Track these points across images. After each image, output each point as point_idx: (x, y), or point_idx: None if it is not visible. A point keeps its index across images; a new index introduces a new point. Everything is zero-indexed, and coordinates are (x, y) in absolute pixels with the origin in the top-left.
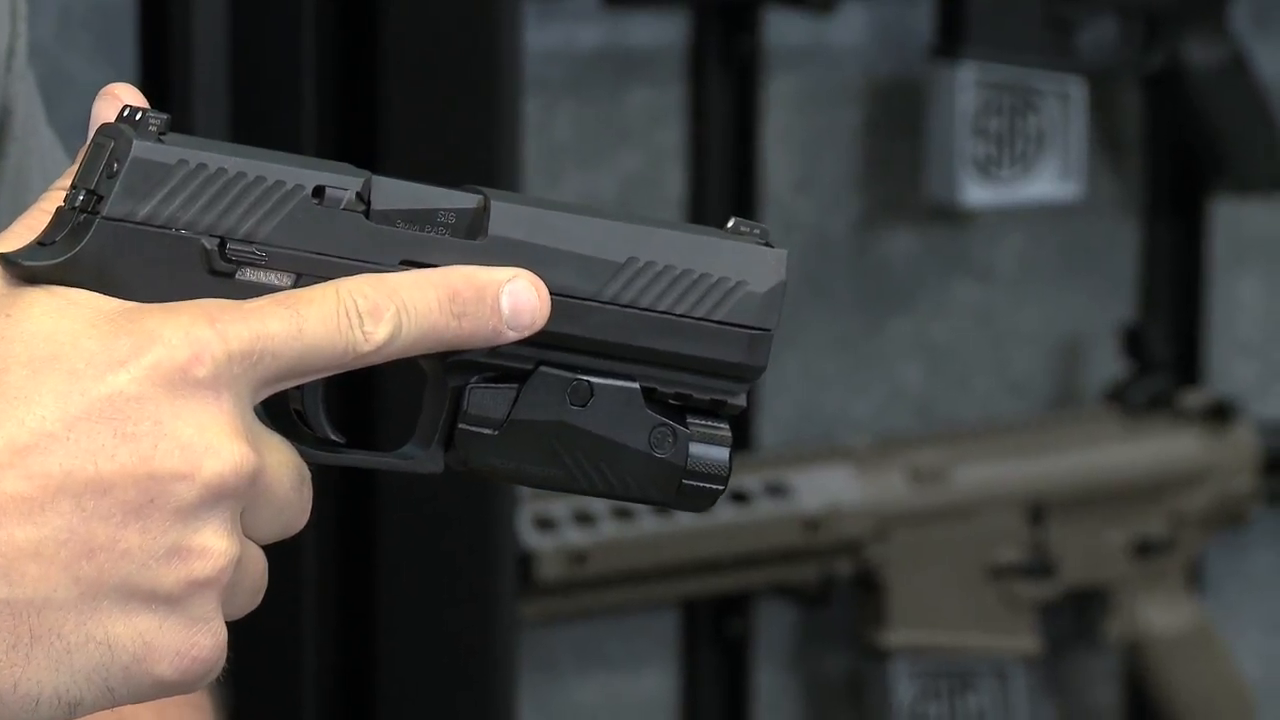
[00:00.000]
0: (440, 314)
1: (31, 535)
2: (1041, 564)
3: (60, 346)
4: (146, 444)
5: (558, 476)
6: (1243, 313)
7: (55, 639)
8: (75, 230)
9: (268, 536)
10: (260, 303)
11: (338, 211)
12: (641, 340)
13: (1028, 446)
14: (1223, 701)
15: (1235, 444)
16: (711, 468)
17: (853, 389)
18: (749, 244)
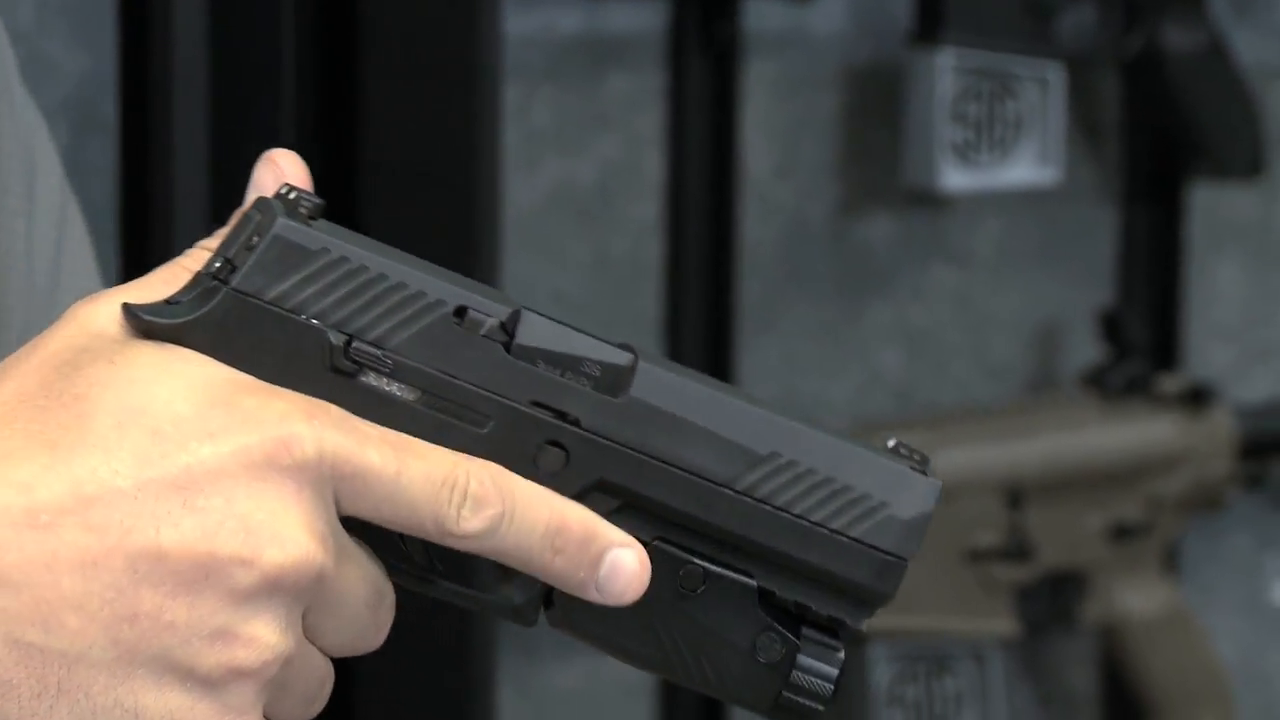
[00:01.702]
0: (540, 540)
1: (78, 587)
2: (1019, 547)
3: (152, 403)
4: (213, 520)
5: (653, 657)
6: (1220, 297)
7: (82, 697)
8: (203, 295)
9: (333, 647)
10: (369, 429)
11: (477, 337)
12: (768, 539)
13: (1005, 431)
14: (1199, 684)
15: (1212, 428)
16: (815, 686)
17: (831, 373)
18: (903, 467)
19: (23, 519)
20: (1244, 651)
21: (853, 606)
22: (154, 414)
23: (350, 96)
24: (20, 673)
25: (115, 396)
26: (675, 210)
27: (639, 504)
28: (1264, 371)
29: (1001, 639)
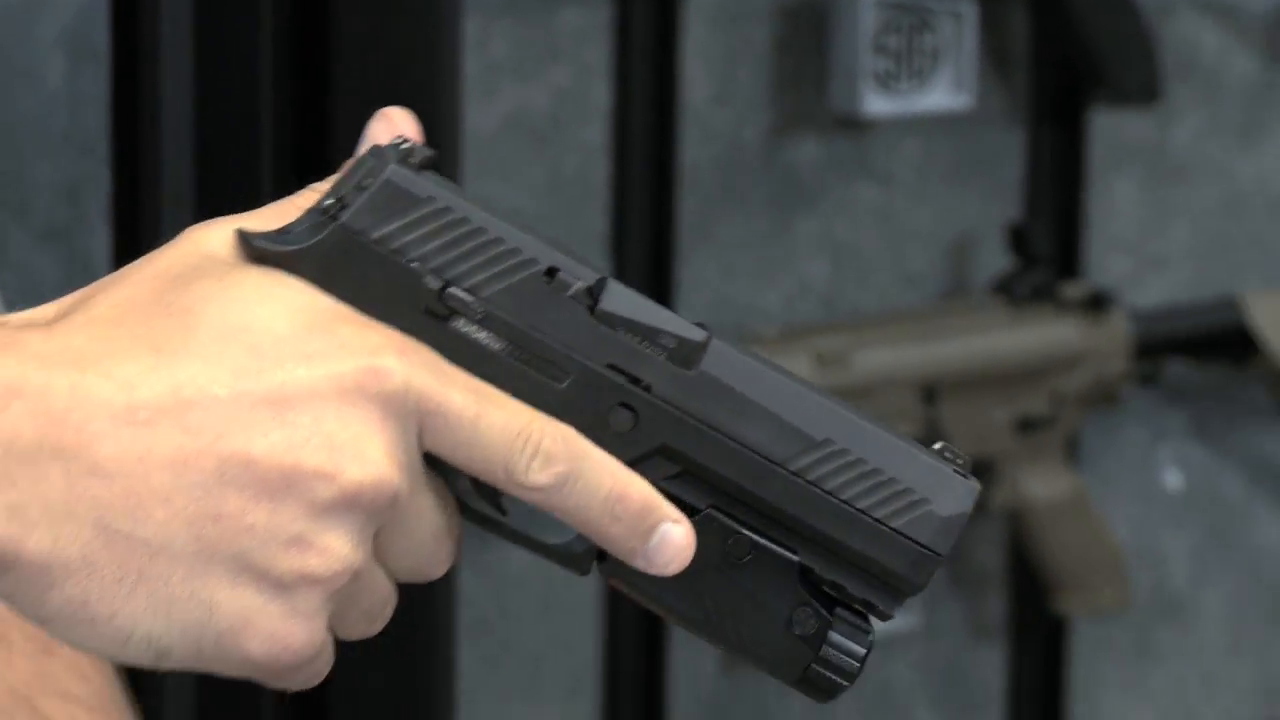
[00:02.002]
0: (600, 504)
1: (168, 483)
2: (935, 438)
3: (255, 322)
4: (300, 435)
5: (695, 617)
6: (1118, 212)
7: (161, 585)
8: (314, 228)
9: (400, 570)
10: (455, 372)
11: (564, 298)
12: (815, 520)
13: (922, 334)
14: (1097, 563)
15: (1110, 331)
16: (843, 662)
17: (763, 283)
18: (946, 468)
19: (123, 414)
20: (1137, 533)
21: (885, 593)
22: (255, 332)
23: (320, 29)
24: (105, 556)
25: (220, 312)
26: (621, 134)
27: (697, 472)
28: (1157, 279)
29: None
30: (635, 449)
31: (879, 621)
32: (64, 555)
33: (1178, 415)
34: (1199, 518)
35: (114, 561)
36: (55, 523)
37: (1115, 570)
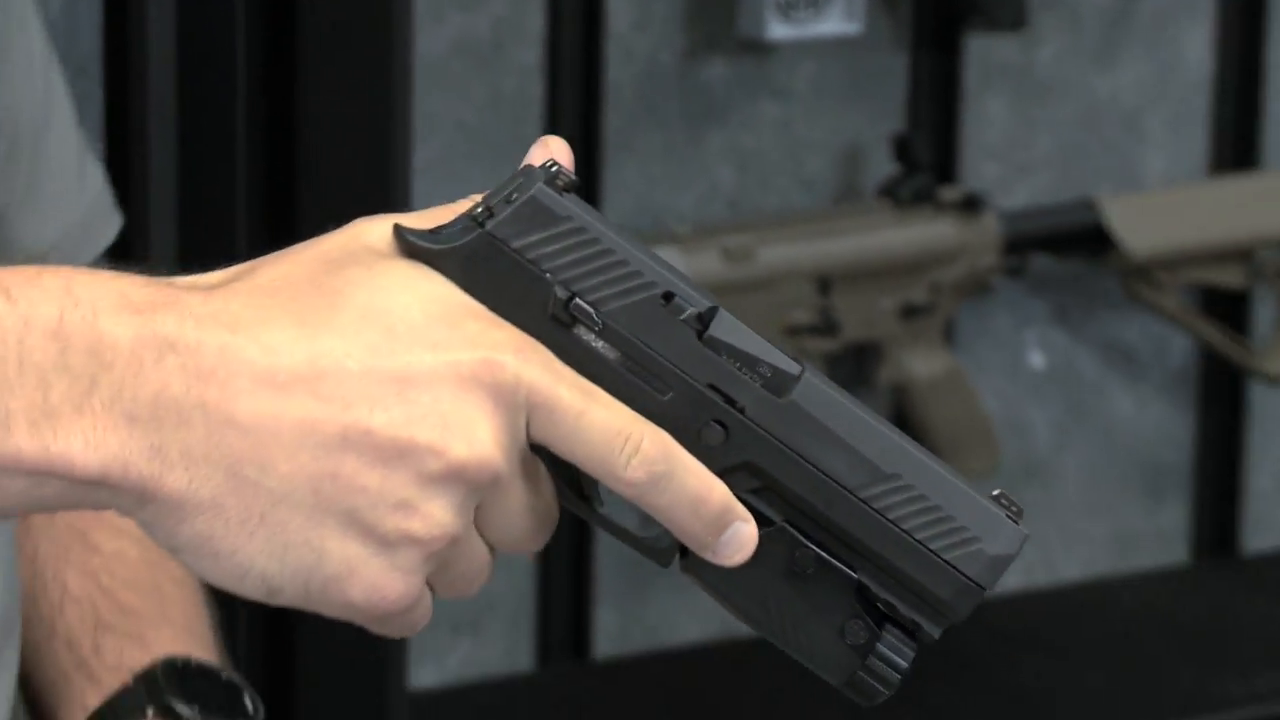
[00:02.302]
0: (687, 504)
1: (295, 442)
2: (828, 324)
3: (394, 308)
4: (418, 413)
5: (758, 617)
6: (989, 125)
7: (279, 530)
8: (462, 231)
9: (497, 543)
10: (567, 372)
11: (676, 320)
12: (876, 544)
13: (817, 232)
14: (970, 433)
15: (982, 229)
16: (887, 673)
17: (678, 187)
18: (999, 513)
19: (263, 376)
20: (1005, 406)
21: (930, 617)
22: (392, 316)
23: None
24: (232, 500)
25: (365, 296)
26: (553, 57)
27: (775, 489)
28: (1023, 184)
29: None
30: (723, 461)
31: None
32: (197, 495)
33: (1041, 303)
34: (1059, 393)
35: (240, 505)
36: (192, 465)
37: (986, 438)
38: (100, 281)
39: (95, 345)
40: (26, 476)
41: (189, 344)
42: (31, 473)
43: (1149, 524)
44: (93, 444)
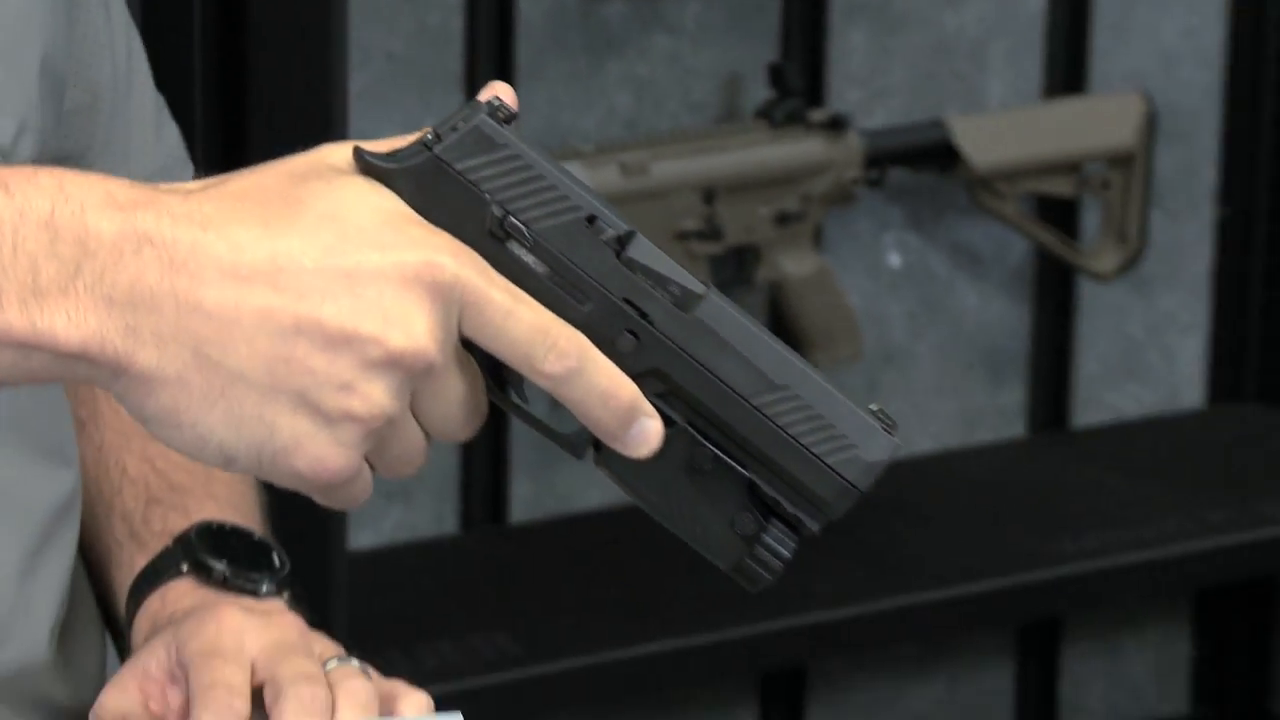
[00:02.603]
0: (597, 398)
1: (254, 328)
2: (712, 230)
3: (348, 214)
4: (363, 306)
5: (658, 506)
6: (852, 55)
7: (237, 405)
8: (413, 154)
9: (430, 427)
10: (497, 278)
11: (598, 240)
12: (765, 446)
13: (702, 150)
14: (837, 325)
15: (846, 146)
16: (771, 560)
17: (581, 110)
18: (875, 424)
19: (229, 269)
20: (867, 301)
21: (811, 513)
22: (346, 221)
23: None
24: (196, 377)
25: (323, 204)
26: None
27: (679, 393)
28: (881, 107)
29: None
30: (634, 367)
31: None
32: (164, 371)
33: (897, 211)
34: (913, 289)
35: (203, 382)
36: (161, 345)
37: (850, 329)
38: (90, 182)
39: (82, 236)
40: (15, 349)
41: (164, 238)
42: (20, 345)
43: (991, 403)
44: (74, 322)
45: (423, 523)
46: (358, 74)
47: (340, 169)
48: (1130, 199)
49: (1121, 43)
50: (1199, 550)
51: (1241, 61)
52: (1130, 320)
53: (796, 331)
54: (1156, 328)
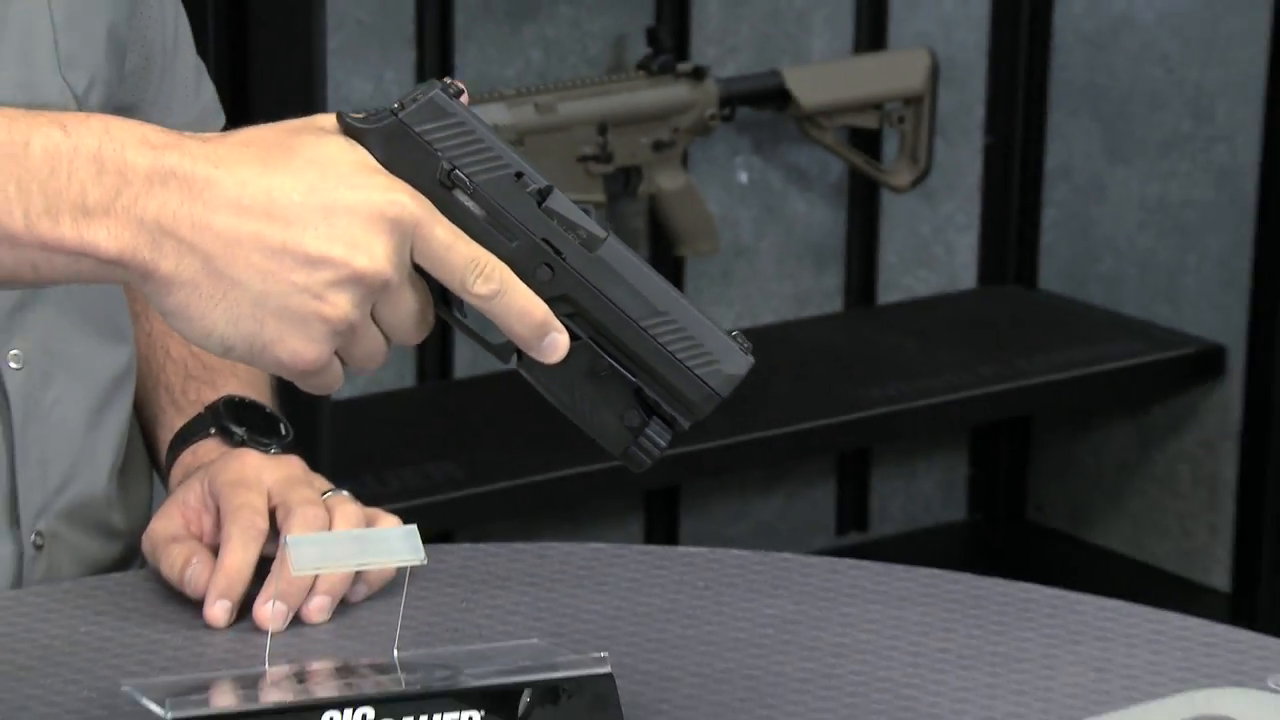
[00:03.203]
0: (516, 314)
1: (250, 249)
2: (605, 155)
3: (329, 161)
4: (336, 234)
5: (565, 403)
6: (709, 20)
7: (234, 306)
8: (382, 118)
9: (388, 331)
10: (442, 217)
11: (524, 192)
12: (649, 359)
13: (597, 93)
14: (699, 225)
15: (706, 91)
16: (651, 449)
17: (504, 64)
18: (735, 345)
19: (234, 200)
20: (722, 208)
21: (683, 413)
22: (326, 167)
23: None
24: (205, 283)
25: (311, 151)
26: None
27: (584, 315)
28: (732, 60)
29: (597, 203)
30: (549, 293)
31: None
32: (180, 276)
33: (744, 139)
34: (756, 199)
35: (210, 286)
36: (179, 257)
37: (709, 230)
38: (129, 126)
39: (122, 168)
40: (68, 255)
41: (186, 173)
42: (71, 252)
43: (816, 286)
44: (113, 236)
45: (387, 379)
46: (333, 35)
47: (325, 129)
48: (920, 130)
49: (912, 10)
50: (972, 396)
51: (1001, 25)
52: (920, 222)
53: (669, 232)
54: (939, 228)
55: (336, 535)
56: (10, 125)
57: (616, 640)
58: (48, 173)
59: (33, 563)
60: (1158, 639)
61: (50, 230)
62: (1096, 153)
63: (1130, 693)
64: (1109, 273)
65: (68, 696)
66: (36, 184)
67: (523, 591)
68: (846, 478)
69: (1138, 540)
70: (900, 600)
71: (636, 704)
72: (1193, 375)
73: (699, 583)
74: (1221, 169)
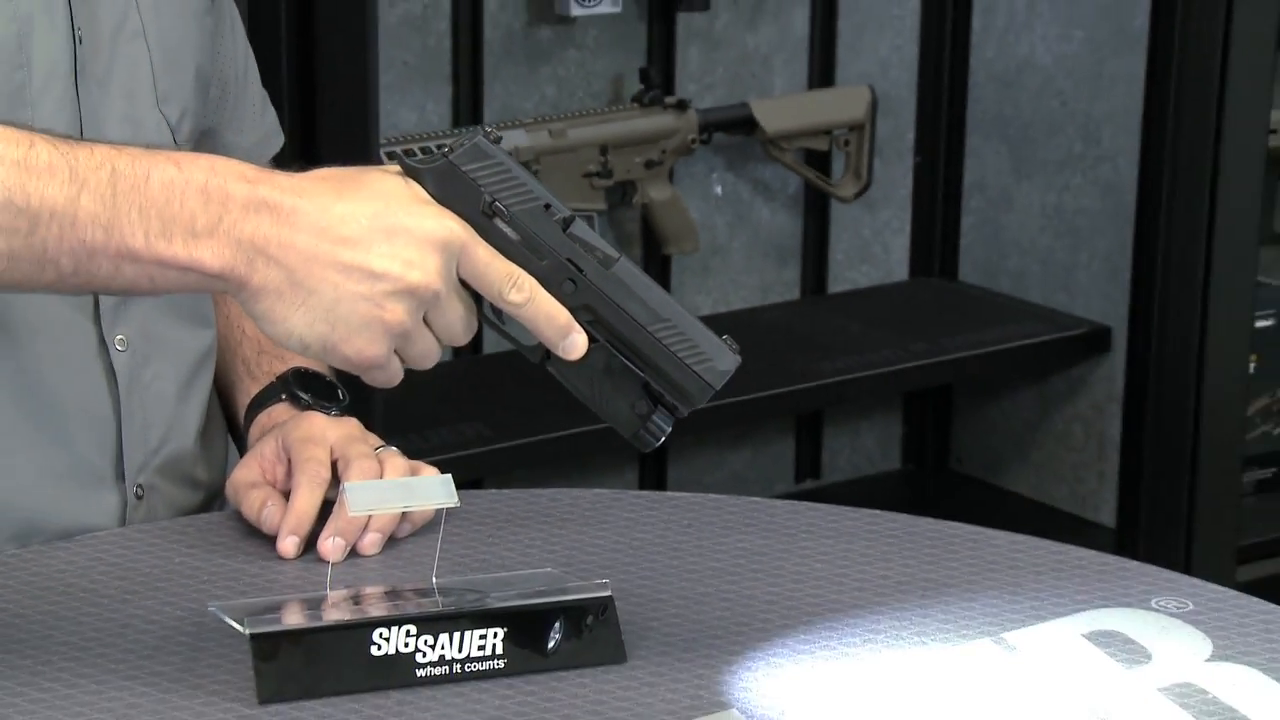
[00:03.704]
0: (544, 319)
1: (325, 264)
2: (606, 172)
3: (390, 194)
4: (395, 253)
5: (586, 394)
6: (690, 62)
7: (311, 312)
8: (434, 160)
9: (439, 334)
10: (484, 242)
11: (551, 220)
12: (655, 357)
13: (599, 121)
14: (683, 229)
15: (688, 120)
16: (657, 431)
17: (524, 98)
18: (726, 347)
19: (314, 224)
20: (702, 215)
21: (682, 402)
22: (390, 197)
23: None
24: (289, 292)
25: (376, 187)
26: (455, 24)
27: (600, 321)
28: (710, 95)
29: (599, 211)
30: (572, 303)
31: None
32: (268, 286)
33: (720, 158)
34: (729, 207)
35: (291, 295)
36: (268, 269)
37: (691, 233)
38: (230, 164)
39: (224, 198)
40: (179, 270)
41: (275, 202)
42: (182, 268)
43: (778, 278)
44: (216, 255)
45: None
46: (385, 74)
47: (388, 170)
48: (862, 152)
49: (855, 54)
50: (905, 368)
51: (928, 66)
52: (862, 226)
53: (658, 235)
54: (878, 231)
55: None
56: (134, 162)
57: (616, 569)
58: (164, 201)
59: (134, 510)
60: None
61: (165, 249)
62: (1005, 170)
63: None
64: (1016, 268)
65: (164, 616)
66: (155, 210)
67: (538, 529)
68: (803, 435)
69: (1040, 486)
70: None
71: (632, 621)
72: (1085, 351)
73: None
74: (1107, 183)
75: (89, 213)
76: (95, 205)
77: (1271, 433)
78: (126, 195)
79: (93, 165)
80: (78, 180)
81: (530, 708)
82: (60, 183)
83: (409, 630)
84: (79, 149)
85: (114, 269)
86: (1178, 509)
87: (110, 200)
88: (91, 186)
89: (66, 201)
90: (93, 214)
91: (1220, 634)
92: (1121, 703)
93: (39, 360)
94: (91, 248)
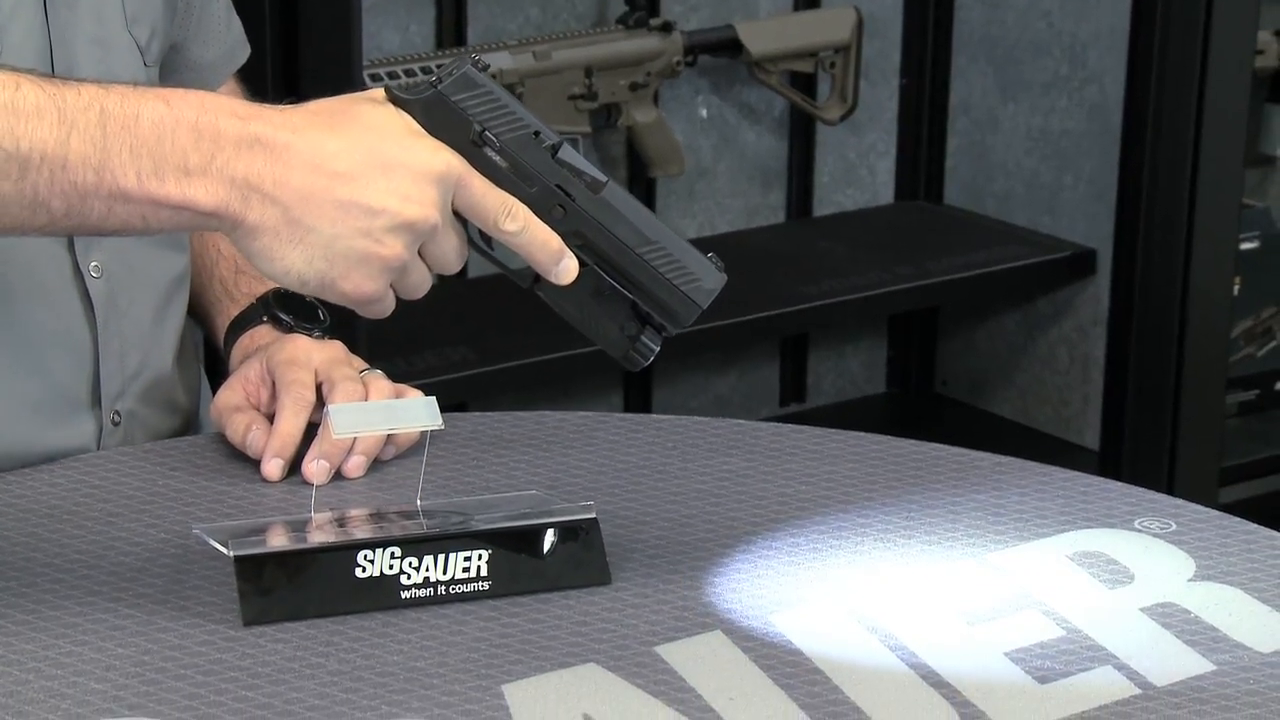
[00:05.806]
0: (537, 245)
1: (322, 200)
2: (591, 94)
3: (383, 127)
4: (392, 188)
5: (577, 317)
6: None
7: (308, 248)
8: (423, 90)
9: (432, 264)
10: (477, 173)
11: (540, 147)
12: (643, 279)
13: (584, 43)
14: (668, 151)
15: (673, 41)
16: (646, 351)
17: (508, 19)
18: (712, 266)
19: (308, 161)
20: (687, 138)
21: (670, 322)
22: (383, 130)
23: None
24: (285, 229)
25: (368, 119)
26: None
27: (590, 246)
28: (695, 16)
29: (584, 134)
30: (562, 228)
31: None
32: (264, 224)
33: (705, 81)
34: (715, 130)
35: (288, 232)
36: (264, 207)
37: (677, 156)
38: (221, 100)
39: (215, 136)
40: (172, 209)
41: (268, 139)
42: (175, 207)
43: (764, 201)
44: (209, 193)
45: None
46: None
47: (377, 100)
48: (847, 74)
49: None
50: (890, 291)
51: None
52: (848, 149)
53: (643, 157)
54: (864, 154)
55: (370, 405)
56: (122, 100)
57: (600, 491)
58: (155, 140)
59: (109, 436)
60: (1043, 488)
61: (158, 188)
62: (991, 91)
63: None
64: (1001, 190)
65: (148, 538)
66: (146, 150)
67: (523, 452)
68: (788, 358)
69: (1025, 409)
70: (832, 458)
71: (617, 543)
72: (1069, 273)
73: (668, 444)
74: (1093, 105)
75: (79, 154)
76: (85, 147)
77: (1255, 355)
78: (117, 135)
79: (81, 106)
80: (66, 122)
81: (515, 629)
82: (49, 125)
83: (394, 552)
84: (66, 89)
85: (106, 210)
86: (1161, 431)
87: (100, 141)
88: (81, 128)
89: (56, 144)
90: (83, 155)
91: (1203, 554)
92: (1104, 622)
93: (13, 289)
94: (83, 190)
